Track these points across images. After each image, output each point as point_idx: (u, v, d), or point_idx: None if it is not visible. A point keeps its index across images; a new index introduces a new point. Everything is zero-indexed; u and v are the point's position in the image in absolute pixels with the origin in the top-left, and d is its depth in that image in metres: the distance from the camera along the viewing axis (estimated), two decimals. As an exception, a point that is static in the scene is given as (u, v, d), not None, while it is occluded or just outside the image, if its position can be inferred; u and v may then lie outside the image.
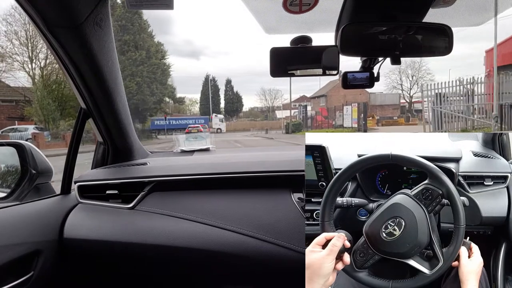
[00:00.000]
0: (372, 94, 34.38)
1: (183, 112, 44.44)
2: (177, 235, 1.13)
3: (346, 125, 22.44)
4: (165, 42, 64.84)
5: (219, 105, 46.45)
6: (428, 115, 13.34)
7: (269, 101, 47.42)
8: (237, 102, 47.26)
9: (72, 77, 1.16)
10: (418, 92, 34.46)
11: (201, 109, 45.09)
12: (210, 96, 42.69)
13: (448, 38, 0.81)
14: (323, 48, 0.86)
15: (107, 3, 1.03)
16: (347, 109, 22.95)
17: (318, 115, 29.18)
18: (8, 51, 19.68)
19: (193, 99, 47.36)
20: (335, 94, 33.72)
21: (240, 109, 47.99)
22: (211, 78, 45.55)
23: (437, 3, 0.80)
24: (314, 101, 41.08)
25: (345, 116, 23.04)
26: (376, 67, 0.89)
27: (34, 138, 14.20)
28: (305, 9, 0.86)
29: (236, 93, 47.39)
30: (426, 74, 35.83)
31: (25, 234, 1.08)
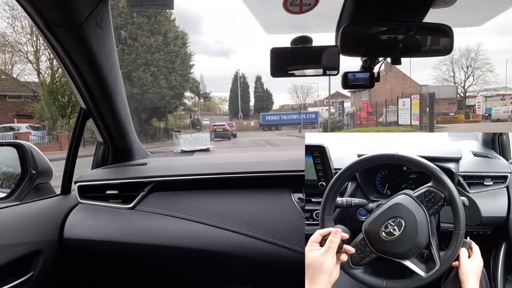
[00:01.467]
0: (423, 86, 28.34)
1: (212, 110, 43.49)
2: (177, 235, 1.13)
3: (402, 122, 18.26)
4: (195, 41, 64.38)
5: (248, 102, 44.72)
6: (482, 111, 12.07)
7: (301, 98, 44.42)
8: (267, 100, 45.16)
9: (72, 77, 1.16)
10: (474, 85, 31.42)
11: (230, 107, 43.74)
12: (240, 94, 40.94)
13: (449, 38, 0.81)
14: (324, 48, 0.86)
15: (107, 3, 1.03)
16: (404, 102, 18.73)
17: (360, 111, 25.36)
18: (13, 40, 16.86)
19: (222, 97, 46.14)
20: (379, 87, 29.19)
21: (270, 106, 45.80)
22: (240, 75, 43.61)
23: (437, 3, 0.80)
24: (354, 96, 36.33)
25: (401, 111, 18.92)
26: (377, 67, 0.89)
27: (15, 138, 12.20)
28: (305, 9, 0.86)
29: (266, 90, 45.00)
30: (484, 64, 31.01)
31: (25, 234, 1.08)
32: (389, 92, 27.09)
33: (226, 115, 39.46)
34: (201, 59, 68.93)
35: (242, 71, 53.84)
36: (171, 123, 24.31)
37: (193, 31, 59.42)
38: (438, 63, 32.44)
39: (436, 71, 35.79)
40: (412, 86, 29.08)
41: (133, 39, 18.71)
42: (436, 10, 0.83)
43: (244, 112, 41.01)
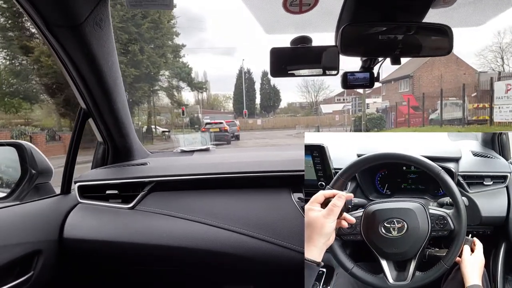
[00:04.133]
0: (482, 73, 18.89)
1: (216, 108, 40.73)
2: (177, 235, 1.13)
3: (499, 119, 11.94)
4: (200, 39, 63.35)
5: (254, 100, 41.83)
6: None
7: (312, 94, 41.27)
8: (274, 97, 42.41)
9: (72, 77, 1.16)
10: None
11: (234, 104, 41.14)
12: (245, 91, 37.01)
13: (448, 38, 0.81)
14: (323, 48, 0.86)
15: (107, 3, 1.03)
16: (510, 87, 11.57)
17: (401, 105, 18.78)
18: None
19: (226, 95, 43.51)
20: (425, 75, 22.19)
21: (277, 104, 43.29)
22: (245, 70, 40.32)
23: (437, 3, 0.80)
24: (387, 88, 26.65)
25: (500, 100, 11.96)
26: (376, 67, 0.89)
27: None
28: (305, 9, 0.86)
29: (273, 87, 42.02)
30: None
31: (25, 234, 1.08)
32: (437, 81, 21.13)
33: (230, 113, 36.62)
34: (206, 58, 68.57)
35: (247, 67, 50.35)
36: (144, 121, 18.85)
37: (198, 29, 59.27)
38: (483, 49, 27.30)
39: (480, 59, 29.56)
40: (468, 74, 22.10)
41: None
42: (436, 10, 0.83)
43: (250, 110, 37.94)
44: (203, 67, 76.67)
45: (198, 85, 24.77)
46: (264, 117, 37.35)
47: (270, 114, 41.69)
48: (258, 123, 34.15)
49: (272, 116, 40.14)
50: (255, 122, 34.52)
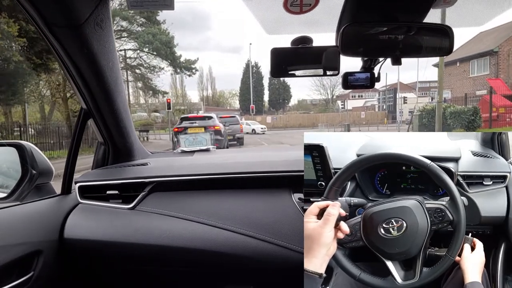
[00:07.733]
0: None
1: (222, 105, 37.96)
2: (177, 235, 1.13)
3: None
4: (206, 37, 62.48)
5: (262, 96, 38.43)
6: None
7: (327, 90, 38.06)
8: (284, 93, 39.05)
9: (73, 77, 1.16)
10: None
11: (240, 101, 38.32)
12: (252, 86, 32.98)
13: (449, 38, 0.82)
14: (324, 49, 0.86)
15: (108, 3, 1.03)
16: None
17: (490, 93, 13.62)
18: None
19: (233, 91, 41.05)
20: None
21: (287, 101, 40.36)
22: (253, 64, 36.11)
23: (437, 3, 0.81)
24: (451, 70, 18.45)
25: None
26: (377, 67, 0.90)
27: None
28: (305, 9, 0.87)
29: (283, 82, 39.03)
30: None
31: (26, 234, 1.08)
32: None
33: (236, 110, 33.44)
34: (212, 56, 68.06)
35: (255, 60, 45.24)
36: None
37: (205, 28, 59.13)
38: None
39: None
40: None
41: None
42: (436, 10, 0.83)
43: (258, 108, 34.55)
44: (208, 63, 75.90)
45: (186, 65, 19.23)
46: (274, 114, 33.56)
47: (279, 111, 38.81)
48: (267, 120, 28.92)
49: (281, 113, 36.89)
50: (264, 119, 29.11)
